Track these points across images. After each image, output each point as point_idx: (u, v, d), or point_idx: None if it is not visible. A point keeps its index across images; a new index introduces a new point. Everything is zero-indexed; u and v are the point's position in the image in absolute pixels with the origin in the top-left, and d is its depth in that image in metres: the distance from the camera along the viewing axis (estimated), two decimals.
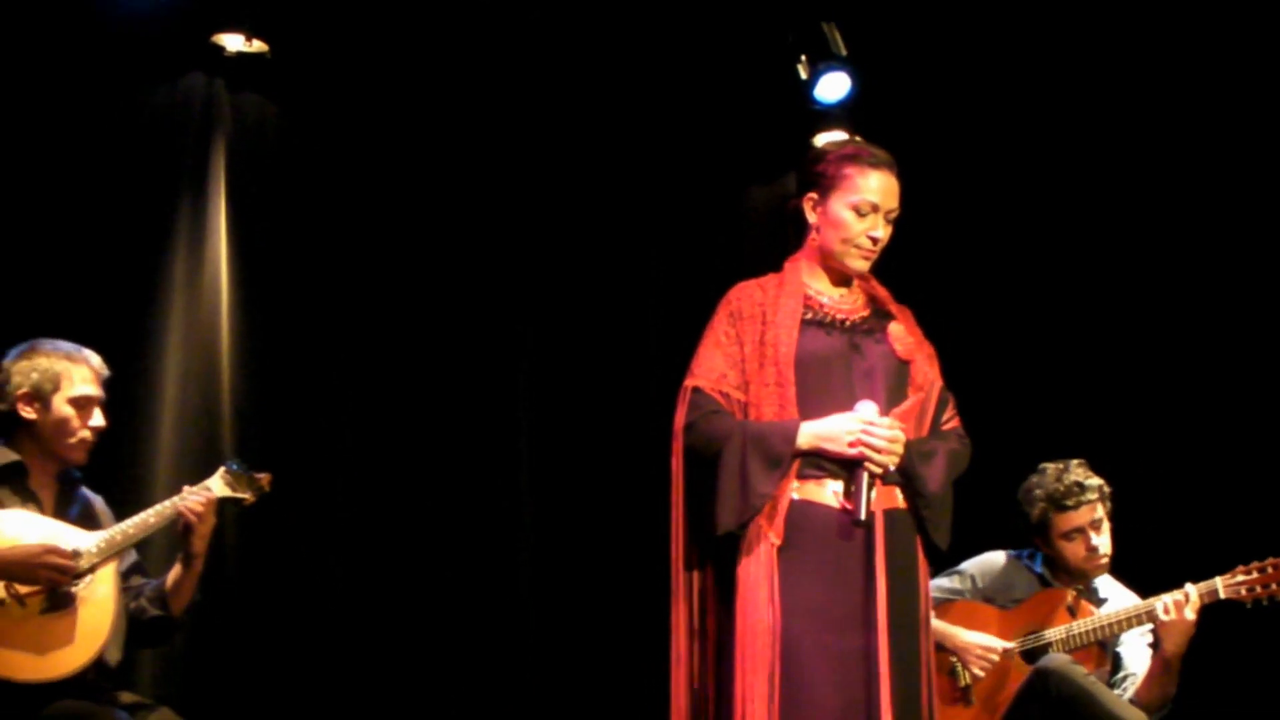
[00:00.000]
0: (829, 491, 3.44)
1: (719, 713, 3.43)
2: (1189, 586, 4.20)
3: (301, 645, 4.90)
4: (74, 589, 3.68)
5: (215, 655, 4.68)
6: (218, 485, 3.92)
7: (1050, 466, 4.53)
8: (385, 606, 5.01)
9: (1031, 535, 4.55)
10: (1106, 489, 4.50)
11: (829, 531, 3.41)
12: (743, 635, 3.37)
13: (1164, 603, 4.20)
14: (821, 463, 3.43)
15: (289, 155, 5.09)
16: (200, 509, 3.83)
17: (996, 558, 4.61)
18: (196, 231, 4.94)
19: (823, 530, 3.41)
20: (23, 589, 3.62)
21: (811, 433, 3.42)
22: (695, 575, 3.52)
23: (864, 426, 3.40)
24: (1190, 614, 4.16)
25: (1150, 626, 4.31)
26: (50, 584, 3.63)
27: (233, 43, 4.95)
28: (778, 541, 3.39)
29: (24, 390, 3.82)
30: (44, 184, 4.70)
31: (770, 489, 3.39)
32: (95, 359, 3.92)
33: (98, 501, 3.98)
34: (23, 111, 4.68)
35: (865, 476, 3.39)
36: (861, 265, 3.58)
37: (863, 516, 3.37)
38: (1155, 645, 4.29)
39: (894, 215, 3.57)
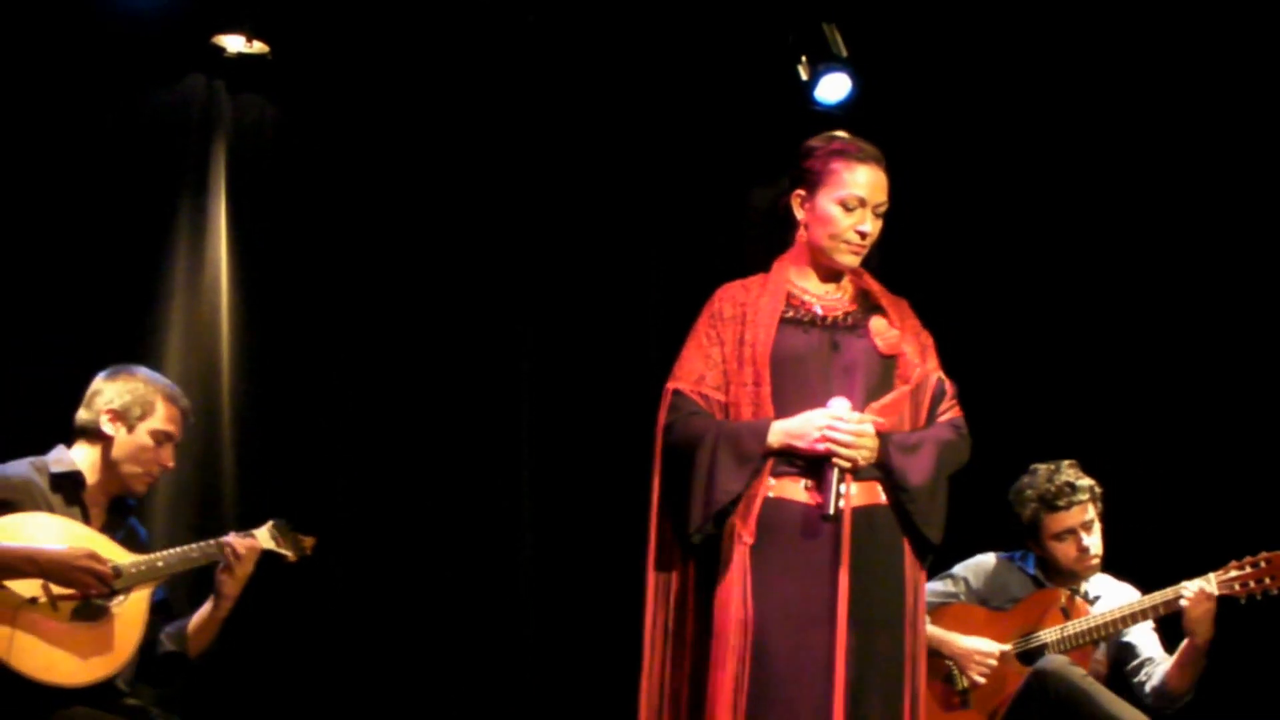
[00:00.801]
0: (802, 488, 3.43)
1: (691, 713, 3.42)
2: (1185, 583, 4.21)
3: (302, 646, 4.90)
4: (109, 604, 3.70)
5: (215, 657, 4.67)
6: (264, 536, 3.95)
7: (1041, 467, 4.53)
8: (385, 606, 5.02)
9: (1023, 536, 4.55)
10: (1098, 489, 4.50)
11: (801, 528, 3.40)
12: (715, 633, 3.37)
13: (1188, 594, 4.16)
14: (795, 460, 3.42)
15: (289, 156, 5.11)
16: (243, 552, 3.84)
17: (988, 560, 4.61)
18: (197, 232, 4.96)
19: (795, 527, 3.40)
20: (58, 591, 3.63)
21: (782, 430, 3.41)
22: (673, 576, 3.51)
23: (829, 421, 3.38)
24: (1212, 598, 4.14)
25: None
26: (85, 590, 3.64)
27: (233, 44, 4.98)
28: (750, 540, 3.38)
29: (113, 407, 3.85)
30: (45, 185, 4.73)
31: (737, 486, 3.39)
32: (185, 403, 3.97)
33: (143, 533, 4.01)
34: (24, 112, 4.70)
35: (835, 472, 3.37)
36: (851, 260, 3.56)
37: (831, 511, 3.35)
38: (1184, 635, 4.24)
39: (883, 210, 3.55)
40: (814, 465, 3.42)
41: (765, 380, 3.45)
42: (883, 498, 3.47)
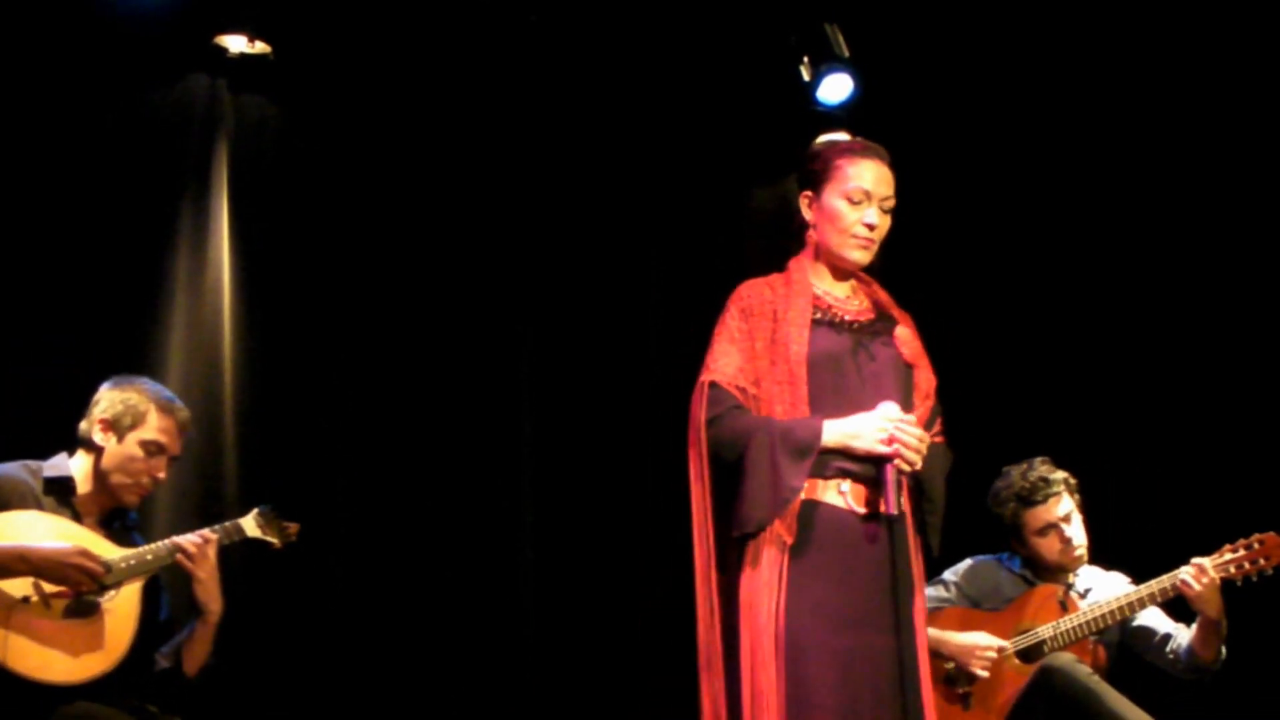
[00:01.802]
0: (836, 491, 3.43)
1: (731, 711, 3.39)
2: (1183, 569, 4.22)
3: (302, 646, 4.90)
4: (100, 600, 3.71)
5: (215, 656, 4.68)
6: (249, 525, 3.98)
7: (1014, 468, 4.58)
8: (385, 606, 5.02)
9: (1008, 538, 4.58)
10: (1072, 481, 4.54)
11: (837, 532, 3.40)
12: (750, 634, 3.35)
13: (1183, 577, 4.20)
14: (831, 462, 3.41)
15: (291, 156, 5.11)
16: (192, 550, 3.83)
17: (977, 563, 4.63)
18: (199, 232, 4.96)
19: (831, 530, 3.40)
20: (50, 589, 3.65)
21: (839, 431, 3.39)
22: (716, 574, 3.46)
23: (897, 423, 3.38)
24: (1213, 574, 4.17)
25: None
26: (77, 586, 3.65)
27: (235, 44, 4.98)
28: (790, 540, 3.36)
29: (106, 416, 3.86)
30: (47, 185, 4.73)
31: (800, 482, 3.36)
32: (184, 416, 3.96)
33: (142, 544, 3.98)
34: (26, 112, 4.70)
35: (893, 472, 3.38)
36: (860, 256, 3.56)
37: (895, 511, 3.36)
38: (1194, 613, 4.27)
39: (890, 205, 3.54)
40: (854, 467, 3.41)
41: (802, 380, 3.43)
42: (906, 505, 3.47)
